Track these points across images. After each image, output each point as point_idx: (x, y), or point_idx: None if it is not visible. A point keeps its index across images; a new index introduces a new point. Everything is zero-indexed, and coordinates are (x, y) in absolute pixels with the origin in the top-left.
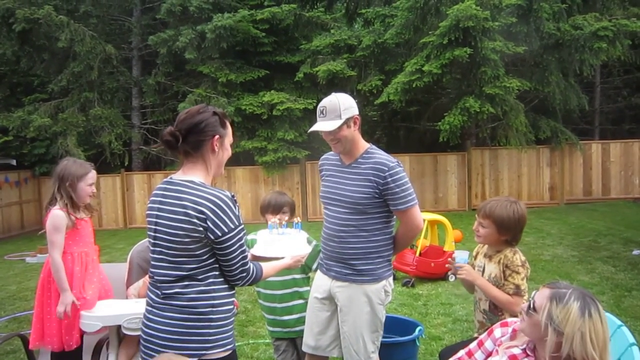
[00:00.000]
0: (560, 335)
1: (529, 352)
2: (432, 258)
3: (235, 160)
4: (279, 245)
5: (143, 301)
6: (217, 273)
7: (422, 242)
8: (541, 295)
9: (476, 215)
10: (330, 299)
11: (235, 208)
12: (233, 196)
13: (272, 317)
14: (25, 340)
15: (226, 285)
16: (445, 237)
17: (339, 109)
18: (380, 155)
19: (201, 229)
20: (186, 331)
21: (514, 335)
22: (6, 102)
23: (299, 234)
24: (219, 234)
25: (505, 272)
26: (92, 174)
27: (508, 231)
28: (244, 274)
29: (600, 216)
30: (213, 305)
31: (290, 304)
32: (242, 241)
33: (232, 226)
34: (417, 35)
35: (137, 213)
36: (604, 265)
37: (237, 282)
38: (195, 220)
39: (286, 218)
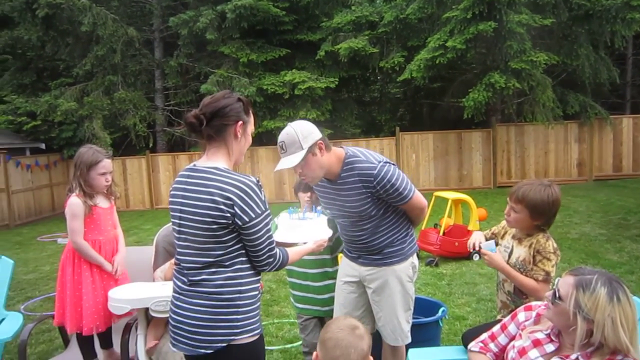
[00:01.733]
0: (590, 322)
1: (553, 338)
2: (456, 237)
3: (258, 140)
4: (300, 230)
5: (170, 284)
6: (244, 259)
7: (446, 221)
8: (566, 283)
9: (508, 200)
10: (358, 283)
11: (261, 193)
12: (258, 181)
13: (303, 294)
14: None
15: (253, 271)
16: (469, 216)
17: (298, 140)
18: (361, 164)
19: (229, 215)
20: (214, 317)
21: (537, 320)
22: (33, 87)
23: (320, 217)
24: (246, 219)
25: (535, 257)
26: (104, 163)
27: (541, 216)
28: (271, 259)
29: (630, 193)
30: (240, 292)
31: (322, 283)
32: (269, 226)
33: (259, 212)
34: (440, 9)
35: (162, 194)
36: (633, 243)
37: (265, 268)
38: (222, 207)
39: (315, 197)
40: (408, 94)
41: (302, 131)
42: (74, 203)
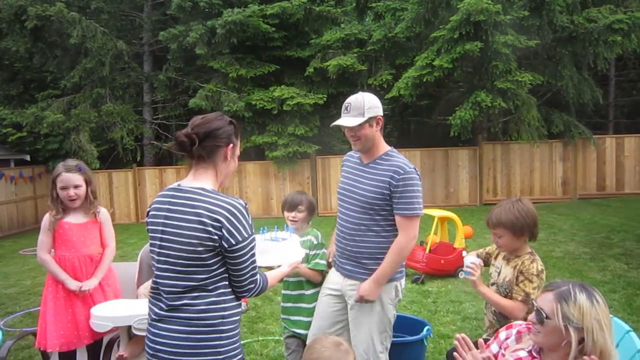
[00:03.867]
0: (581, 331)
1: (534, 354)
2: (442, 255)
3: (246, 155)
4: (274, 252)
5: None
6: (226, 283)
7: (432, 239)
8: (547, 300)
9: (489, 228)
10: (341, 296)
11: (248, 217)
12: (246, 204)
13: (286, 316)
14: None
15: (234, 296)
16: (455, 234)
17: (363, 107)
18: (400, 159)
19: (216, 237)
20: (197, 344)
21: (519, 338)
22: (20, 98)
23: (292, 238)
24: (233, 242)
25: (518, 277)
26: (62, 177)
27: (522, 230)
28: (253, 285)
29: (613, 212)
30: (224, 317)
31: (299, 305)
32: (253, 251)
33: (246, 235)
34: (428, 29)
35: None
36: (616, 262)
37: (245, 294)
38: (210, 229)
39: (300, 216)
40: (396, 111)
41: (369, 101)
42: (44, 217)
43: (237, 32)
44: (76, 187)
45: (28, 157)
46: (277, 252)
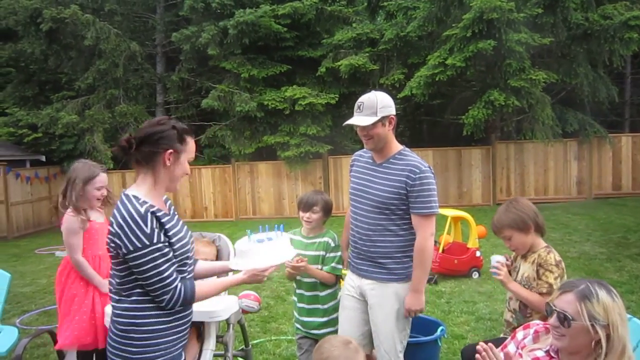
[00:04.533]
0: (607, 328)
1: (552, 354)
2: (455, 255)
3: (258, 155)
4: (258, 255)
5: None
6: (140, 291)
7: (445, 239)
8: (568, 302)
9: (498, 236)
10: (361, 298)
11: (147, 224)
12: (153, 212)
13: (299, 316)
14: (54, 336)
15: (154, 304)
16: (469, 234)
17: (376, 106)
18: (414, 158)
19: (113, 244)
20: (113, 344)
21: (536, 337)
22: (35, 99)
23: (281, 237)
24: (125, 251)
25: (538, 270)
26: (100, 177)
27: (527, 225)
28: (167, 296)
29: (630, 211)
30: (136, 325)
31: (314, 306)
32: (159, 261)
33: (140, 245)
34: (440, 27)
35: None
36: (633, 262)
37: (161, 303)
38: (111, 236)
39: (315, 217)
40: (408, 111)
41: (382, 100)
42: (70, 219)
43: (249, 32)
44: (105, 186)
45: (43, 158)
46: (261, 253)
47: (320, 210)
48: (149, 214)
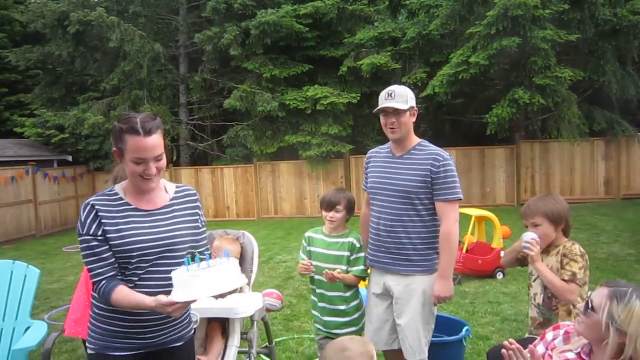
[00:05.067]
0: (622, 335)
1: (583, 356)
2: (479, 255)
3: (280, 154)
4: (198, 284)
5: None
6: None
7: (468, 239)
8: (599, 294)
9: (524, 222)
10: (385, 293)
11: (84, 215)
12: (93, 205)
13: (320, 315)
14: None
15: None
16: (493, 234)
17: (406, 95)
18: (435, 148)
19: None
20: None
21: (567, 339)
22: (62, 101)
23: (225, 264)
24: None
25: (562, 260)
26: None
27: (560, 220)
28: (95, 286)
29: None
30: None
31: (335, 307)
32: (85, 252)
33: (77, 231)
34: (463, 25)
35: None
36: None
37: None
38: None
39: (338, 216)
40: (430, 110)
41: (410, 92)
42: None
43: (270, 32)
44: None
45: (70, 158)
46: (200, 283)
47: (343, 209)
48: (88, 206)
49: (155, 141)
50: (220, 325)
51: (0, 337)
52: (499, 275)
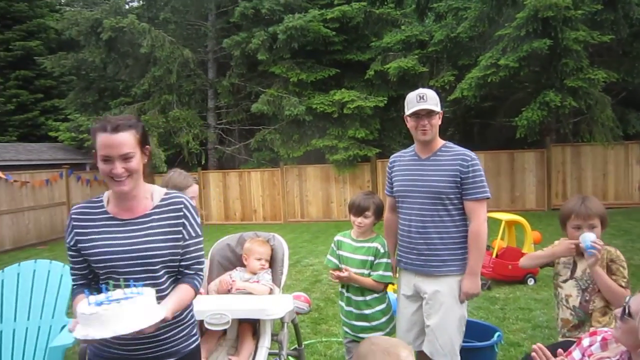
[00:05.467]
0: None
1: None
2: (509, 260)
3: (306, 158)
4: (99, 321)
5: (225, 297)
6: None
7: (498, 243)
8: (637, 300)
9: (577, 222)
10: (416, 295)
11: (67, 224)
12: (73, 214)
13: (347, 319)
14: None
15: None
16: (523, 239)
17: (436, 98)
18: (461, 148)
19: None
20: None
21: (604, 345)
22: (95, 106)
23: (137, 300)
24: None
25: (611, 266)
26: (192, 188)
27: (606, 222)
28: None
29: None
30: None
31: (361, 311)
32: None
33: None
34: (492, 27)
35: (212, 209)
36: None
37: None
38: None
39: (367, 222)
40: (458, 113)
41: (437, 96)
42: None
43: (297, 37)
44: (195, 198)
45: None
46: (103, 320)
47: (372, 214)
48: (71, 216)
49: (123, 139)
50: (251, 327)
51: (38, 335)
52: (530, 281)
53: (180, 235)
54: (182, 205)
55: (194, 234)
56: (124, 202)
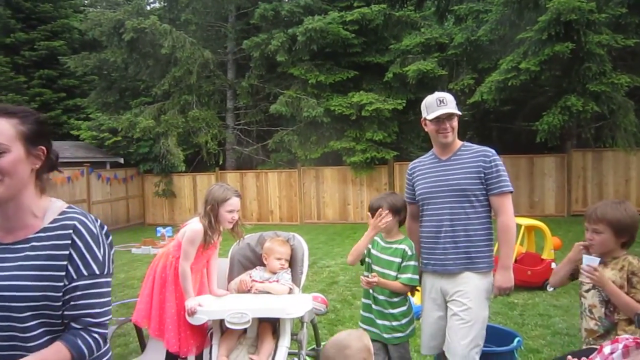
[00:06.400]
0: None
1: None
2: (528, 266)
3: (324, 160)
4: None
5: (246, 296)
6: None
7: (517, 249)
8: None
9: (586, 224)
10: (441, 299)
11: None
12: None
13: (370, 315)
14: (138, 327)
15: None
16: (543, 244)
17: (454, 101)
18: (480, 146)
19: None
20: None
21: (626, 353)
22: (116, 105)
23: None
24: None
25: (632, 279)
26: (233, 201)
27: (625, 232)
28: None
29: None
30: None
31: (385, 310)
32: None
33: None
34: (513, 31)
35: None
36: None
37: None
38: None
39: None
40: (477, 117)
41: (454, 99)
42: (196, 230)
43: (317, 39)
44: (238, 211)
45: (122, 160)
46: None
47: (389, 213)
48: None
49: None
50: (271, 326)
51: None
52: (550, 288)
53: (63, 273)
54: (71, 231)
55: (86, 273)
56: (9, 222)
